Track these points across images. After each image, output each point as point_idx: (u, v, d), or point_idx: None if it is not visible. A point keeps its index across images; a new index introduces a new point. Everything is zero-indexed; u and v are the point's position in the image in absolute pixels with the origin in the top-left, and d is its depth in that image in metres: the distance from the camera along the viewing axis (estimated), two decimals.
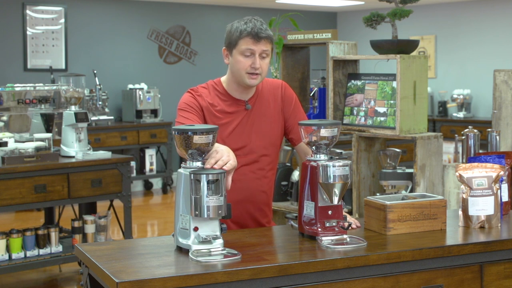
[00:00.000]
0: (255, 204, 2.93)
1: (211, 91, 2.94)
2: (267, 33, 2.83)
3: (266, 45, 2.83)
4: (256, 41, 2.80)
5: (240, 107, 2.92)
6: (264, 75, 2.89)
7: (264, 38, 2.81)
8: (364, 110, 4.13)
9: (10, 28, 8.47)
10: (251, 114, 2.93)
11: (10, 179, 4.76)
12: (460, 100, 9.55)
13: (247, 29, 2.81)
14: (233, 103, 2.92)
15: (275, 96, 2.99)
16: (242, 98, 2.93)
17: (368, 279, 2.39)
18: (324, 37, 4.40)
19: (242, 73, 2.84)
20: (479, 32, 9.63)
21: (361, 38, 7.74)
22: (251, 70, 2.83)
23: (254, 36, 2.80)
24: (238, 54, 2.84)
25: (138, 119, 8.91)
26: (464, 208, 2.79)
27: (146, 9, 9.48)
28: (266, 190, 2.97)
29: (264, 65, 2.85)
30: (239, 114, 2.92)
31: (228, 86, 2.94)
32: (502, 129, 4.36)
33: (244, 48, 2.82)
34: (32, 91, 5.46)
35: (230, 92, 2.93)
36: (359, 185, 4.11)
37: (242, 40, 2.81)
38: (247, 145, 2.90)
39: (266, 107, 2.96)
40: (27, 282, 5.42)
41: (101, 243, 2.79)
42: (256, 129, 2.92)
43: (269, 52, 2.86)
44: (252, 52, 2.82)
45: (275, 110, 2.97)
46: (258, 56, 2.82)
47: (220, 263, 2.28)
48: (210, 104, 2.90)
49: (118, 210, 5.60)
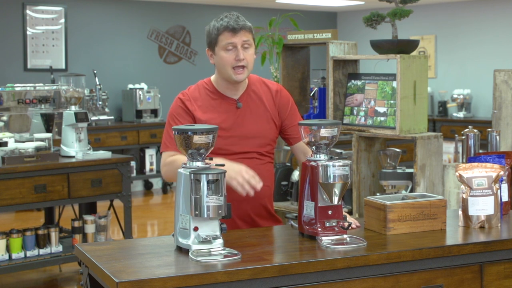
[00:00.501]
0: (256, 201, 2.90)
1: (201, 91, 2.95)
2: (243, 23, 2.84)
3: (246, 35, 2.84)
4: (234, 33, 2.82)
5: (231, 105, 2.92)
6: (251, 67, 2.88)
7: (242, 28, 2.82)
8: (364, 110, 4.13)
9: (10, 28, 8.47)
10: (242, 112, 2.93)
11: (10, 179, 4.76)
12: (460, 100, 9.55)
13: (223, 24, 2.83)
14: (223, 102, 2.92)
15: (269, 96, 2.98)
16: (232, 96, 2.93)
17: (368, 279, 2.39)
18: (324, 37, 4.40)
19: (228, 68, 2.85)
20: (479, 32, 9.63)
21: (361, 38, 7.74)
22: (236, 63, 2.83)
23: (231, 29, 2.81)
24: (220, 51, 2.85)
25: (138, 119, 8.92)
26: (464, 208, 2.79)
27: (146, 9, 9.48)
28: (269, 185, 2.96)
29: (248, 56, 2.85)
30: (231, 113, 2.91)
31: (218, 84, 2.95)
32: (502, 129, 4.36)
33: (224, 43, 2.83)
34: (32, 91, 5.46)
35: (221, 90, 2.94)
36: (359, 185, 4.11)
37: (221, 36, 2.84)
38: (240, 143, 2.89)
39: (258, 104, 2.95)
40: (27, 282, 5.42)
41: (101, 243, 2.79)
42: (248, 127, 2.91)
43: (250, 42, 2.86)
44: (233, 45, 2.83)
45: (269, 109, 2.96)
46: (240, 48, 2.83)
47: (220, 263, 2.28)
48: (199, 106, 2.90)
49: (118, 210, 5.60)
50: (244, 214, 2.91)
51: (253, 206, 2.92)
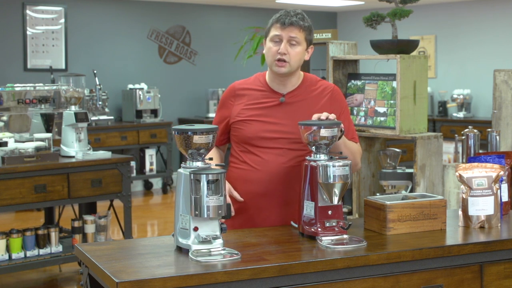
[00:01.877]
0: (277, 201, 2.89)
1: (252, 82, 2.99)
2: (295, 20, 2.85)
3: (295, 31, 2.85)
4: (283, 27, 2.84)
5: (274, 98, 2.93)
6: (294, 64, 2.87)
7: (291, 24, 2.84)
8: (364, 110, 4.13)
9: (10, 28, 8.47)
10: (285, 106, 2.91)
11: (10, 179, 4.76)
12: (460, 100, 9.55)
13: (277, 16, 2.89)
14: (269, 94, 2.94)
15: (323, 97, 2.95)
16: (280, 91, 2.94)
17: (368, 279, 2.39)
18: (324, 37, 4.40)
19: (270, 60, 2.88)
20: (479, 32, 9.63)
21: (361, 38, 7.74)
22: (277, 56, 2.84)
23: (282, 23, 2.85)
24: (268, 41, 2.90)
25: (138, 119, 8.91)
26: (464, 208, 2.78)
27: (146, 9, 9.48)
28: (296, 188, 2.85)
29: (292, 53, 2.85)
30: (271, 105, 2.92)
31: (269, 77, 2.97)
32: (502, 129, 4.36)
33: (272, 35, 2.87)
34: (32, 91, 5.46)
35: (270, 83, 2.96)
36: (359, 185, 4.11)
37: (272, 27, 2.89)
38: (273, 137, 2.88)
39: (303, 104, 2.91)
40: (27, 282, 5.42)
41: (101, 243, 2.79)
42: (286, 123, 2.89)
43: (299, 40, 2.86)
44: (280, 38, 2.85)
45: (318, 110, 2.88)
46: (286, 43, 2.84)
47: (220, 263, 2.28)
48: (244, 95, 2.94)
49: (118, 210, 5.60)
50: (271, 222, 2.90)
51: (277, 210, 2.90)
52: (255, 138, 2.90)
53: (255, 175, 2.88)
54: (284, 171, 2.88)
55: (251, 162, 2.89)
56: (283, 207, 2.90)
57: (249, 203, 2.90)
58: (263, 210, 2.89)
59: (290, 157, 2.89)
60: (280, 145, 2.89)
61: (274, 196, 2.88)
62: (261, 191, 2.88)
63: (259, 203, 2.88)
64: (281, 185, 2.88)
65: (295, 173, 2.86)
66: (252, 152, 2.90)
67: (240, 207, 2.92)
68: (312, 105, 2.93)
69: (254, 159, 2.89)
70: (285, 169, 2.88)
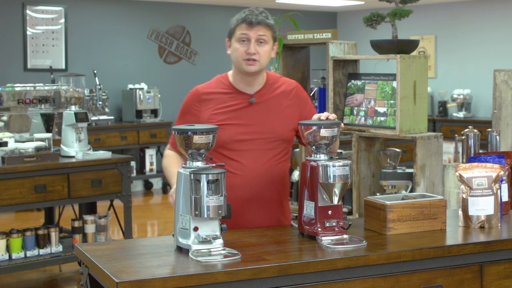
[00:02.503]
0: (263, 204, 2.87)
1: (216, 85, 2.93)
2: (261, 19, 2.81)
3: (262, 30, 2.81)
4: (250, 26, 2.80)
5: (243, 100, 2.88)
6: (264, 63, 2.85)
7: (259, 23, 2.80)
8: (364, 110, 4.13)
9: (10, 28, 8.47)
10: (255, 107, 2.88)
11: (10, 179, 4.76)
12: (460, 100, 9.55)
13: (242, 16, 2.83)
14: (237, 96, 2.89)
15: (288, 94, 2.94)
16: (247, 92, 2.89)
17: (368, 279, 2.38)
18: (324, 37, 4.40)
19: (239, 60, 2.83)
20: (479, 32, 9.63)
21: (361, 38, 7.74)
22: (246, 56, 2.80)
23: (248, 22, 2.80)
24: (235, 42, 2.84)
25: (138, 119, 8.92)
26: (464, 208, 2.79)
27: (146, 9, 9.48)
28: (278, 187, 2.91)
29: (261, 51, 2.81)
30: (241, 107, 2.87)
31: (234, 78, 2.92)
32: (502, 129, 4.36)
33: (239, 34, 2.82)
34: (32, 91, 5.46)
35: (235, 85, 2.90)
36: (359, 185, 4.11)
37: (238, 27, 2.83)
38: (249, 139, 2.85)
39: (273, 103, 2.90)
40: (27, 282, 5.42)
41: (101, 243, 2.79)
42: (260, 123, 2.86)
43: (267, 38, 2.82)
44: (247, 38, 2.81)
45: (287, 107, 2.91)
46: (255, 42, 2.80)
47: (220, 263, 2.28)
48: (211, 100, 2.88)
49: (118, 210, 5.60)
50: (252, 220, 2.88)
51: (261, 211, 2.88)
52: (230, 142, 2.84)
53: (236, 181, 2.81)
54: (265, 172, 2.85)
55: (230, 168, 2.80)
56: (267, 208, 2.89)
57: (233, 209, 2.86)
58: (247, 214, 2.86)
59: (268, 158, 2.87)
60: (257, 146, 2.85)
61: (258, 199, 2.84)
62: (245, 196, 2.83)
63: (243, 207, 2.83)
64: (263, 187, 2.86)
65: (275, 172, 2.87)
66: (228, 157, 2.84)
67: None
68: (281, 102, 2.91)
69: (233, 165, 2.83)
70: (265, 170, 2.85)
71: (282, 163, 2.92)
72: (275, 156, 2.88)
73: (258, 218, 2.87)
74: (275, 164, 2.88)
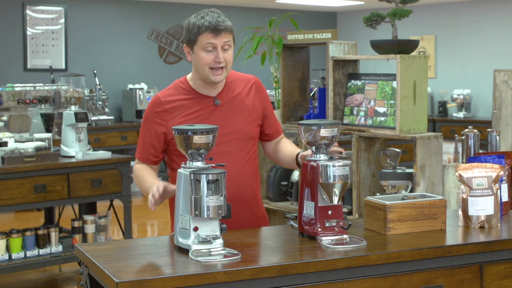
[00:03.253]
0: (242, 203, 2.86)
1: (177, 91, 2.88)
2: (226, 24, 2.76)
3: (227, 36, 2.77)
4: (216, 35, 2.74)
5: (208, 103, 2.85)
6: (229, 68, 2.83)
7: (224, 30, 2.75)
8: (364, 110, 4.13)
9: (10, 28, 8.47)
10: (221, 109, 2.86)
11: (10, 179, 4.76)
12: (460, 100, 9.55)
13: (205, 23, 2.74)
14: (200, 100, 2.85)
15: (249, 90, 2.93)
16: (209, 94, 2.86)
17: (368, 279, 2.39)
18: (324, 37, 4.40)
19: (205, 68, 2.78)
20: (479, 32, 9.63)
21: (361, 38, 7.74)
22: (214, 65, 2.76)
23: (213, 30, 2.73)
24: (199, 50, 2.77)
25: (138, 119, 8.91)
26: (464, 208, 2.79)
27: (146, 9, 9.48)
28: (252, 183, 2.90)
29: (227, 57, 2.78)
30: (208, 111, 2.84)
31: (194, 83, 2.87)
32: (502, 129, 4.36)
33: (205, 43, 2.75)
34: (32, 91, 5.46)
35: (197, 89, 2.86)
36: (359, 185, 4.11)
37: (201, 35, 2.75)
38: (219, 142, 2.76)
39: (237, 101, 2.89)
40: (27, 282, 5.42)
41: (101, 243, 2.79)
42: (228, 124, 2.84)
43: (231, 43, 2.80)
44: (213, 46, 2.75)
45: (250, 104, 2.90)
46: (221, 49, 2.76)
47: (220, 263, 2.28)
48: (175, 108, 2.84)
49: (118, 210, 5.60)
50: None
51: (241, 211, 2.85)
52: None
53: None
54: (239, 173, 2.84)
55: None
56: (245, 207, 2.88)
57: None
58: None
59: (241, 157, 2.86)
60: (228, 148, 2.83)
61: (236, 200, 2.82)
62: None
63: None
64: (240, 187, 2.85)
65: (249, 171, 2.87)
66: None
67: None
68: (244, 99, 2.91)
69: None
70: (240, 170, 2.84)
71: (253, 160, 2.93)
72: (246, 155, 2.89)
73: (238, 218, 2.83)
74: (247, 162, 2.89)
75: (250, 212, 2.92)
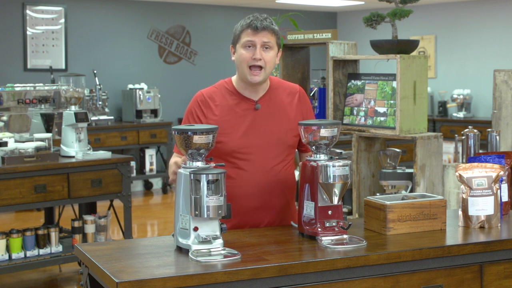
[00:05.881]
0: (272, 209, 2.88)
1: (221, 91, 2.90)
2: (267, 24, 2.81)
3: (267, 36, 2.80)
4: (256, 32, 2.79)
5: (248, 106, 2.87)
6: (269, 70, 2.83)
7: (264, 29, 2.79)
8: (364, 110, 4.13)
9: (10, 28, 8.47)
10: (261, 113, 2.87)
11: (10, 179, 4.76)
12: (460, 100, 9.55)
13: (247, 21, 2.83)
14: (241, 102, 2.87)
15: (292, 99, 2.94)
16: (251, 97, 2.88)
17: (368, 279, 2.39)
18: (324, 37, 4.40)
19: (244, 67, 2.81)
20: (479, 32, 9.63)
21: (361, 38, 7.74)
22: (252, 62, 2.79)
23: (253, 28, 2.79)
24: (240, 48, 2.83)
25: (138, 119, 8.92)
26: (464, 208, 2.79)
27: (146, 9, 9.48)
28: (285, 191, 2.91)
29: (267, 58, 2.80)
30: (247, 114, 2.86)
31: (237, 84, 2.90)
32: (502, 129, 4.36)
33: (244, 40, 2.81)
34: (32, 91, 5.46)
35: (240, 91, 2.89)
36: (359, 185, 4.11)
37: (243, 33, 2.82)
38: (255, 146, 2.83)
39: (278, 109, 2.89)
40: (27, 282, 5.42)
41: (101, 243, 2.79)
42: (266, 130, 2.85)
43: (272, 45, 2.82)
44: (252, 44, 2.80)
45: (291, 113, 2.90)
46: (260, 48, 2.79)
47: (220, 263, 2.28)
48: (217, 106, 2.86)
49: (118, 210, 5.60)
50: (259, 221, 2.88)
51: (268, 214, 2.88)
52: (237, 150, 2.82)
53: (247, 190, 2.82)
54: (272, 179, 2.85)
55: (235, 176, 2.81)
56: (277, 213, 2.90)
57: (245, 218, 2.84)
58: (261, 223, 2.87)
59: (275, 164, 2.86)
60: (264, 153, 2.84)
61: (268, 206, 2.85)
62: (255, 205, 2.84)
63: (254, 216, 2.85)
64: (272, 194, 2.86)
65: (283, 178, 2.87)
66: (234, 164, 2.82)
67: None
68: (286, 107, 2.91)
69: (239, 173, 2.82)
70: (273, 176, 2.85)
71: (289, 167, 2.93)
72: (281, 162, 2.88)
73: (271, 224, 2.88)
74: (282, 169, 2.89)
75: (282, 221, 2.91)
